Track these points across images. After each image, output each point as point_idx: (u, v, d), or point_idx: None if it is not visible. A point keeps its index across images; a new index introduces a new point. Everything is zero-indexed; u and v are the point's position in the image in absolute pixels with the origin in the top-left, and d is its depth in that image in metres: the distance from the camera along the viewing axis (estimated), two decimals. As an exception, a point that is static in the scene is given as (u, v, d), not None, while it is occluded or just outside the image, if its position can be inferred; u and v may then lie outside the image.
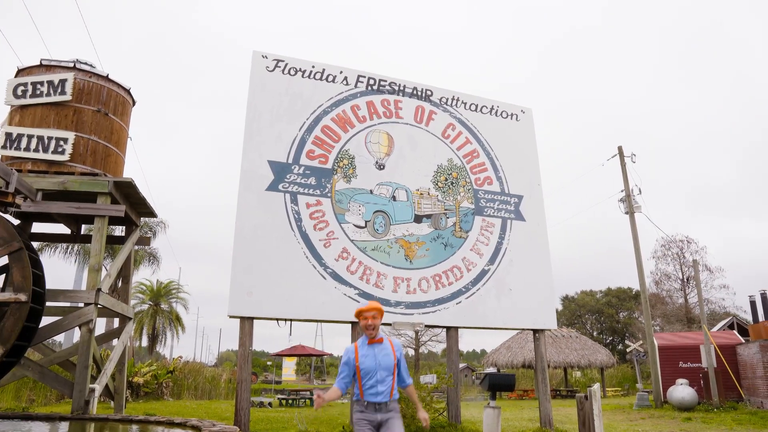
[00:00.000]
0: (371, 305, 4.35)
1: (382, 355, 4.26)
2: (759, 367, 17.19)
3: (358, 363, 4.22)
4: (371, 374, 4.17)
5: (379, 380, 4.17)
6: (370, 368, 4.19)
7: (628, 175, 21.44)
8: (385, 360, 4.25)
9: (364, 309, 4.35)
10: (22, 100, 12.06)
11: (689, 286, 35.88)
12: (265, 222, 10.07)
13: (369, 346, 4.29)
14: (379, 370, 4.19)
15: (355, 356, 4.28)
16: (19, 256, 9.52)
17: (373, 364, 4.20)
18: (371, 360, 4.22)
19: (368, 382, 4.17)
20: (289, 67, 11.33)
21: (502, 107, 13.24)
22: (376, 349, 4.28)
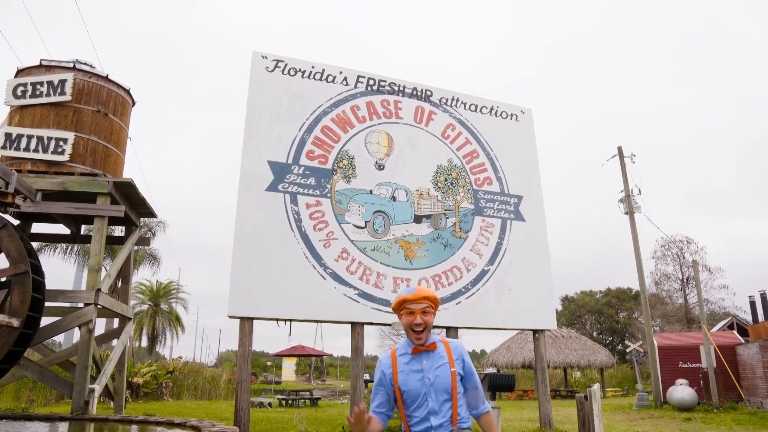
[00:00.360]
0: (421, 292, 2.84)
1: (435, 369, 2.78)
2: (759, 367, 17.19)
3: (398, 383, 2.79)
4: (419, 401, 2.75)
5: (433, 411, 2.72)
6: (417, 391, 2.75)
7: (627, 175, 21.44)
8: (441, 377, 2.76)
9: (409, 298, 2.82)
10: (21, 101, 12.06)
11: (689, 287, 35.89)
12: (264, 222, 10.06)
13: (415, 357, 2.83)
14: (431, 395, 2.74)
15: (392, 371, 2.83)
16: (22, 279, 9.51)
17: (420, 385, 2.76)
18: (417, 379, 2.77)
19: (415, 414, 2.76)
20: (288, 67, 11.33)
21: (501, 107, 13.24)
22: (425, 360, 2.81)
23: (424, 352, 2.82)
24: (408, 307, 2.82)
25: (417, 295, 2.80)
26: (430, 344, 2.82)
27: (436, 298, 2.87)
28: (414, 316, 2.79)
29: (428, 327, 2.81)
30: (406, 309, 2.82)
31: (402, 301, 2.83)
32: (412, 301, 2.80)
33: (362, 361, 10.39)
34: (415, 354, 2.82)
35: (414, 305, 2.81)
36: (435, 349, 2.83)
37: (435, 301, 2.87)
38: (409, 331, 2.81)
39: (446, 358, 2.82)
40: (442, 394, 2.74)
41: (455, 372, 2.79)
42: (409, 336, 2.83)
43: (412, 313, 2.80)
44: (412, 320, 2.79)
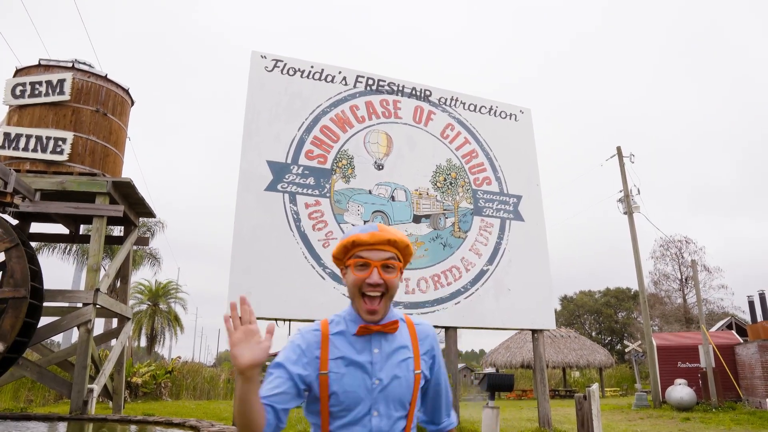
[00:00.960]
0: (384, 232, 1.71)
1: (391, 366, 1.69)
2: (757, 367, 17.21)
3: (327, 380, 1.64)
4: (355, 413, 1.64)
5: (377, 429, 1.64)
6: (356, 398, 1.64)
7: (626, 175, 21.46)
8: (400, 379, 1.69)
9: (363, 239, 1.69)
10: (20, 100, 12.06)
11: (688, 287, 35.93)
12: (263, 222, 10.06)
13: (360, 341, 1.70)
14: (378, 406, 1.65)
15: (320, 356, 1.66)
16: (15, 252, 9.52)
17: (362, 390, 1.65)
18: (359, 378, 1.65)
19: (345, 429, 1.63)
20: (288, 67, 11.33)
21: (501, 107, 13.24)
22: (376, 348, 1.70)
23: (377, 334, 1.70)
24: (360, 255, 1.67)
25: (377, 236, 1.67)
26: (389, 323, 1.70)
27: (406, 245, 1.73)
28: (368, 271, 1.65)
29: (390, 292, 1.68)
30: (356, 258, 1.67)
31: (351, 243, 1.68)
32: (369, 246, 1.67)
33: (361, 360, 10.38)
34: (361, 336, 1.69)
35: (370, 252, 1.67)
36: (395, 331, 1.72)
37: (405, 249, 1.73)
38: (358, 297, 1.68)
39: (410, 350, 1.74)
40: (395, 406, 1.66)
41: (420, 375, 1.73)
42: (356, 304, 1.69)
43: (366, 265, 1.66)
44: (364, 277, 1.65)
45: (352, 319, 1.74)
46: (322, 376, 1.64)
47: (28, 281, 9.48)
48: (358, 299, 1.70)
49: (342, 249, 1.74)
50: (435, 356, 1.85)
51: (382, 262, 1.69)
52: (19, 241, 9.58)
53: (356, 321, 1.72)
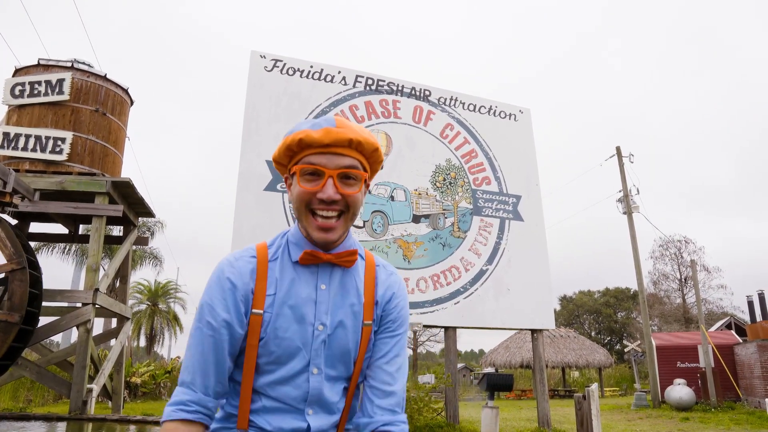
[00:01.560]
0: (344, 128, 1.26)
1: (338, 308, 1.31)
2: (756, 366, 17.22)
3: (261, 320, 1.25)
4: (288, 368, 1.26)
5: (315, 395, 1.27)
6: (291, 347, 1.26)
7: (626, 175, 21.46)
8: (345, 329, 1.31)
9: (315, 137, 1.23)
10: (19, 100, 12.05)
11: (687, 286, 35.94)
12: (263, 222, 10.06)
13: (304, 271, 1.32)
14: (317, 361, 1.28)
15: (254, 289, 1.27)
16: (20, 274, 9.54)
17: (299, 336, 1.27)
18: (297, 321, 1.27)
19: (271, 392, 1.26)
20: (287, 67, 11.33)
21: (500, 107, 13.24)
22: (323, 284, 1.32)
23: (325, 266, 1.33)
24: (310, 161, 1.26)
25: (334, 134, 1.24)
26: (344, 252, 1.32)
27: (375, 148, 1.31)
28: (321, 183, 1.26)
29: (351, 211, 1.30)
30: (304, 164, 1.27)
31: (297, 143, 1.26)
32: (322, 148, 1.25)
33: (361, 360, 10.38)
34: (305, 267, 1.32)
35: (324, 157, 1.26)
36: (351, 265, 1.34)
37: (373, 154, 1.33)
38: (305, 213, 1.29)
39: (361, 294, 1.35)
40: (338, 363, 1.31)
41: (370, 327, 1.35)
42: (304, 222, 1.30)
43: (318, 174, 1.26)
44: (315, 190, 1.26)
45: (295, 242, 1.33)
46: (255, 316, 1.25)
47: (24, 307, 9.49)
48: (305, 216, 1.28)
49: (285, 150, 1.28)
50: (397, 303, 1.39)
51: (339, 171, 1.25)
52: (26, 265, 9.58)
53: (301, 245, 1.32)
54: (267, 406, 1.26)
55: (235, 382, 1.29)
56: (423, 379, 25.14)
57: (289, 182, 1.34)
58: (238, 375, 1.28)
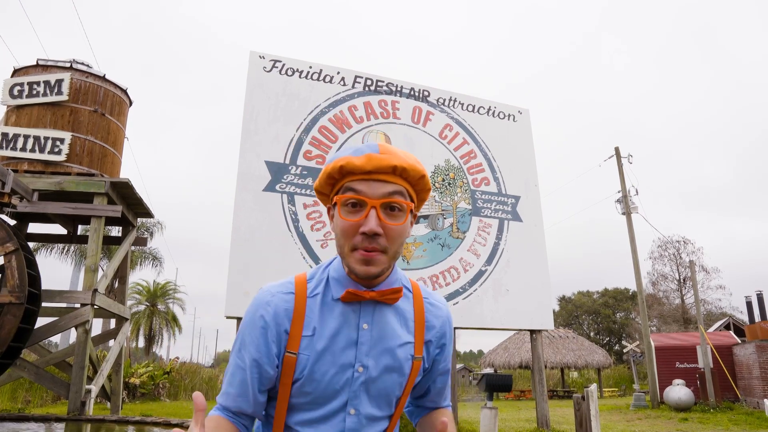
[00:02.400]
0: (389, 155, 1.17)
1: (382, 350, 1.24)
2: (755, 367, 17.23)
3: (295, 361, 1.21)
4: (325, 408, 1.22)
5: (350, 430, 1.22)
6: (329, 388, 1.21)
7: (624, 175, 21.48)
8: (391, 369, 1.25)
9: (358, 164, 1.15)
10: (18, 100, 12.03)
11: (686, 287, 35.97)
12: (262, 222, 10.06)
13: (346, 310, 1.24)
14: (357, 401, 1.23)
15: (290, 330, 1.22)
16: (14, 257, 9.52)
17: (339, 378, 1.22)
18: (339, 363, 1.22)
19: (313, 429, 1.22)
20: (286, 67, 11.33)
21: (499, 108, 13.25)
22: (366, 323, 1.24)
23: (369, 304, 1.26)
24: (355, 187, 1.18)
25: (377, 161, 1.17)
26: (389, 290, 1.24)
27: (421, 175, 1.24)
28: (363, 214, 1.17)
29: (395, 246, 1.20)
30: (346, 193, 1.19)
31: (339, 171, 1.20)
32: (364, 175, 1.18)
33: (360, 361, 10.38)
34: (347, 304, 1.25)
35: (366, 185, 1.18)
36: (396, 302, 1.27)
37: (420, 182, 1.25)
38: (347, 250, 1.20)
39: (411, 332, 1.30)
40: (378, 404, 1.27)
41: (419, 363, 1.31)
42: (346, 257, 1.21)
43: (362, 204, 1.18)
44: (357, 222, 1.17)
45: (337, 278, 1.26)
46: (289, 356, 1.21)
47: (26, 286, 9.48)
48: (348, 254, 1.19)
49: (327, 179, 1.22)
50: (445, 343, 1.37)
51: (383, 200, 1.16)
52: (18, 246, 9.58)
53: (343, 282, 1.25)
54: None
55: (268, 418, 1.29)
56: (422, 380, 25.11)
57: (332, 213, 1.26)
58: (272, 409, 1.27)
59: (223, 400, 1.25)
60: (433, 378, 1.41)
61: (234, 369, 1.25)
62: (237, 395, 1.23)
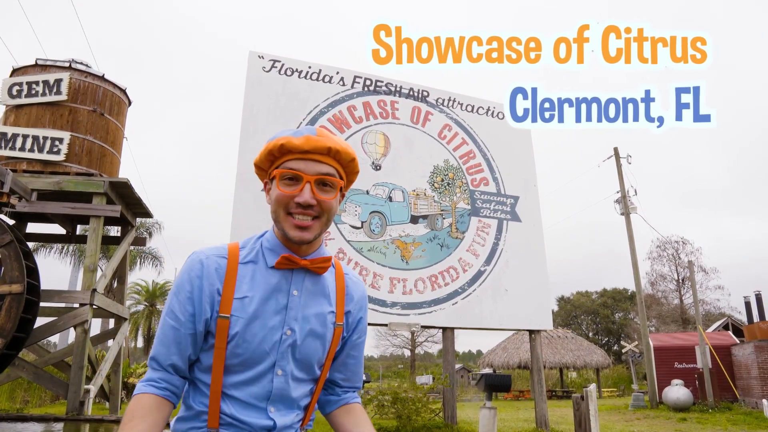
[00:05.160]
0: (324, 138, 1.32)
1: (309, 315, 1.36)
2: (754, 367, 17.25)
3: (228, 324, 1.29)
4: (254, 370, 1.31)
5: (279, 396, 1.33)
6: (258, 351, 1.30)
7: (623, 176, 21.49)
8: (315, 334, 1.37)
9: (297, 143, 1.30)
10: (17, 100, 12.02)
11: (684, 287, 36.00)
12: (261, 222, 10.04)
13: (276, 276, 1.34)
14: (284, 363, 1.33)
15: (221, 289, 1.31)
16: (10, 248, 9.52)
17: (268, 340, 1.31)
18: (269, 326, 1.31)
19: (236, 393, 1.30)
20: (285, 67, 11.32)
21: (498, 108, 13.25)
22: (296, 289, 1.36)
23: (299, 272, 1.37)
24: (289, 166, 1.32)
25: (314, 142, 1.30)
26: (319, 258, 1.37)
27: (352, 158, 1.37)
28: (299, 187, 1.31)
29: (326, 217, 1.34)
30: (284, 168, 1.32)
31: (279, 149, 1.32)
32: (301, 155, 1.31)
33: (359, 361, 10.38)
34: (279, 271, 1.35)
35: (303, 163, 1.31)
36: (324, 272, 1.39)
37: (350, 164, 1.39)
38: (284, 217, 1.32)
39: (332, 302, 1.42)
40: (303, 367, 1.36)
41: (341, 329, 1.43)
42: (282, 223, 1.32)
43: (296, 179, 1.31)
44: (293, 194, 1.30)
45: (270, 247, 1.36)
46: (222, 319, 1.28)
47: (24, 277, 9.48)
48: (283, 217, 1.32)
49: (267, 155, 1.35)
50: (362, 319, 1.50)
51: (317, 177, 1.31)
52: (13, 238, 9.58)
53: (276, 250, 1.35)
54: (234, 404, 1.31)
55: (203, 383, 1.33)
56: (421, 380, 25.14)
57: (268, 187, 1.39)
58: (207, 377, 1.32)
59: (156, 360, 1.32)
60: (349, 350, 1.50)
61: (167, 329, 1.32)
62: (171, 353, 1.31)
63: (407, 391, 10.67)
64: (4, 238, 9.56)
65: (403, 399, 10.29)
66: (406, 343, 42.44)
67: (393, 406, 10.36)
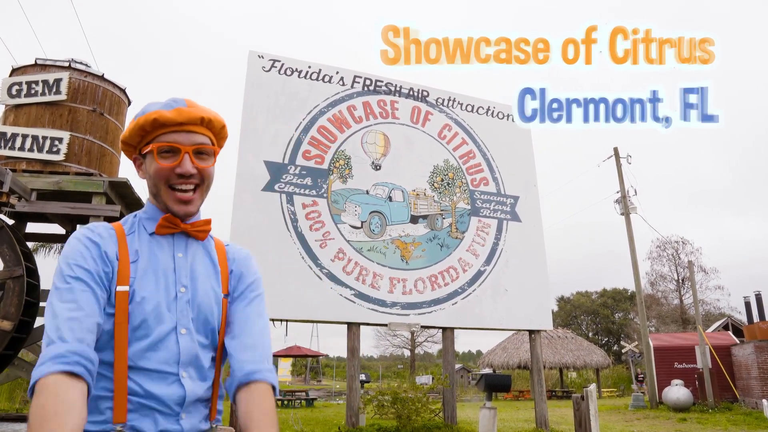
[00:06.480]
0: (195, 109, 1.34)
1: (195, 275, 1.36)
2: (754, 367, 17.24)
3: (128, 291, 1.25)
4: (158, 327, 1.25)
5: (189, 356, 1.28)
6: (156, 303, 1.27)
7: (623, 176, 21.48)
8: (204, 293, 1.35)
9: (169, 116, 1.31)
10: (16, 100, 12.01)
11: (684, 287, 36.00)
12: (261, 222, 10.05)
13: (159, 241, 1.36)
14: (184, 320, 1.30)
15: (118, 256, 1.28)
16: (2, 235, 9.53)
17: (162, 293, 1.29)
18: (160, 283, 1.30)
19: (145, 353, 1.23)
20: (285, 67, 11.32)
21: (498, 108, 13.24)
22: (180, 252, 1.37)
23: (180, 237, 1.39)
24: (164, 139, 1.32)
25: (187, 114, 1.32)
26: (199, 222, 1.41)
27: (222, 125, 1.41)
28: (178, 159, 1.32)
29: (206, 183, 1.39)
30: (160, 142, 1.32)
31: (151, 123, 1.32)
32: (176, 127, 1.32)
33: (358, 361, 10.39)
34: (160, 237, 1.37)
35: (179, 135, 1.32)
36: (205, 237, 1.41)
37: (221, 131, 1.43)
38: (164, 189, 1.34)
39: (216, 267, 1.42)
40: (204, 330, 1.34)
41: (227, 300, 1.40)
42: (163, 197, 1.35)
43: (175, 151, 1.33)
44: (173, 166, 1.32)
45: (149, 217, 1.38)
46: (121, 293, 1.24)
47: (21, 261, 9.48)
48: (165, 191, 1.34)
49: (138, 131, 1.34)
50: (253, 280, 1.46)
51: (194, 147, 1.33)
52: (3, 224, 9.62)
53: (156, 218, 1.37)
54: (143, 376, 1.23)
55: (106, 367, 1.21)
56: (421, 380, 25.13)
57: (140, 162, 1.40)
58: (109, 352, 1.22)
59: (57, 334, 1.13)
60: (245, 315, 1.40)
61: (68, 292, 1.19)
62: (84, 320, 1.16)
63: (407, 391, 10.66)
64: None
65: (402, 399, 10.29)
66: (405, 343, 42.46)
67: (393, 406, 10.36)
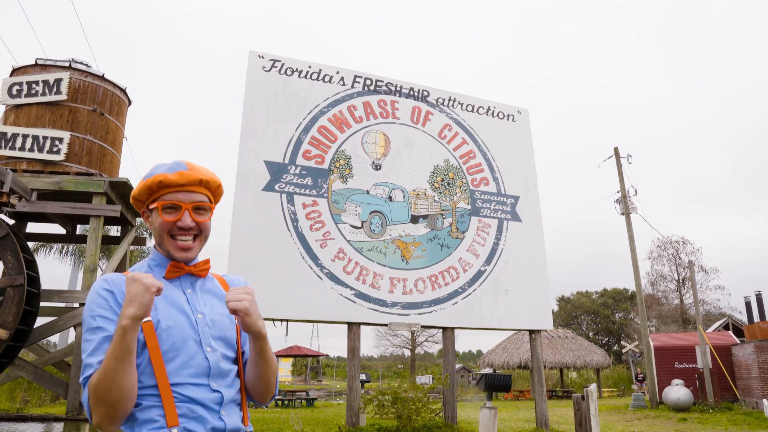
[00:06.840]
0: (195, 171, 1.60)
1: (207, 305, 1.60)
2: (754, 367, 17.24)
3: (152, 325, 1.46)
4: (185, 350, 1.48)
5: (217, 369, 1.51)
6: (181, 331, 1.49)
7: (624, 176, 21.47)
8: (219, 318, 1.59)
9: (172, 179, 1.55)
10: (17, 100, 12.02)
11: (685, 287, 35.98)
12: (261, 222, 10.05)
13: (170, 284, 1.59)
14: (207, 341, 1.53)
15: None
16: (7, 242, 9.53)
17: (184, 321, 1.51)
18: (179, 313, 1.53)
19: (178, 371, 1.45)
20: (285, 67, 11.32)
21: (498, 108, 13.24)
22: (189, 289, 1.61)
23: (186, 278, 1.61)
24: (167, 198, 1.55)
25: (187, 176, 1.55)
26: (200, 262, 1.63)
27: (218, 185, 1.65)
28: (179, 214, 1.55)
29: (203, 234, 1.61)
30: (164, 201, 1.55)
31: (157, 185, 1.55)
32: (178, 187, 1.55)
33: (358, 361, 10.39)
34: (169, 280, 1.57)
35: (180, 194, 1.55)
36: (206, 274, 1.64)
37: (217, 190, 1.66)
38: (167, 239, 1.56)
39: (221, 294, 1.64)
40: (224, 344, 1.55)
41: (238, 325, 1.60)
42: (167, 246, 1.57)
43: (177, 208, 1.55)
44: (175, 220, 1.54)
45: (158, 264, 1.62)
46: (145, 324, 1.43)
47: (23, 269, 9.49)
48: (168, 241, 1.58)
49: (146, 190, 1.58)
50: None
51: (193, 204, 1.58)
52: (9, 231, 9.59)
53: (164, 265, 1.60)
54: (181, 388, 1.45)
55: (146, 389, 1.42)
56: (421, 380, 25.13)
57: (147, 215, 1.63)
58: (149, 377, 1.43)
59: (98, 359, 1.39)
60: None
61: (97, 338, 1.41)
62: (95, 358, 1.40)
63: (407, 391, 10.66)
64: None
65: (403, 399, 10.28)
66: (406, 343, 42.44)
67: (393, 406, 10.36)
